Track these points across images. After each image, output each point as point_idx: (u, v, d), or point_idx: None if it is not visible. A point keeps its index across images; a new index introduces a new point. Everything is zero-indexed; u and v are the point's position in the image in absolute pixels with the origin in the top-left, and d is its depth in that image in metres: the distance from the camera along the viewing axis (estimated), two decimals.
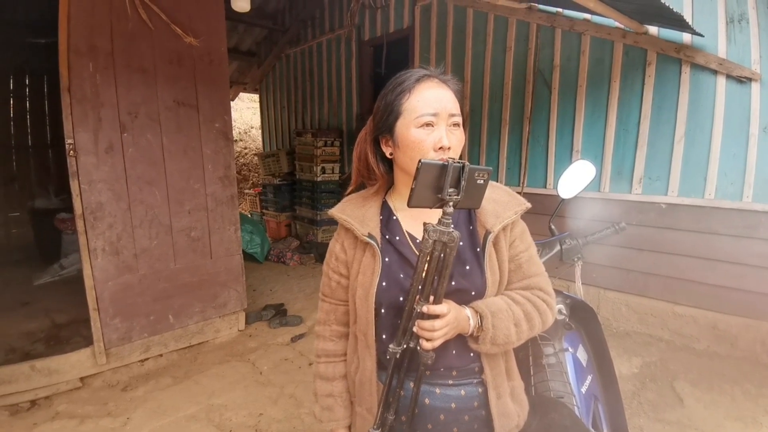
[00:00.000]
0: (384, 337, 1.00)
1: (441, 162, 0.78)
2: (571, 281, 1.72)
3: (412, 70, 0.97)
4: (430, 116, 0.90)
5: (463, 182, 0.77)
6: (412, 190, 0.78)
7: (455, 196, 0.78)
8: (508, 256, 0.99)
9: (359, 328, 1.02)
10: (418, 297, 0.85)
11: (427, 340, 0.85)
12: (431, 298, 0.84)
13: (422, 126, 0.91)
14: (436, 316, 0.84)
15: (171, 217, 2.93)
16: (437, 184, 0.78)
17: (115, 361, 2.78)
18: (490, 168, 0.81)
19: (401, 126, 0.94)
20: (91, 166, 2.56)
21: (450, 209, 0.78)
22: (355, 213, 1.03)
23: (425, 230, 0.79)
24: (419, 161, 0.76)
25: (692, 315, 3.06)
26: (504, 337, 0.91)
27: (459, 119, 0.93)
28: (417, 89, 0.93)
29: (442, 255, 0.80)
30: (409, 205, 0.80)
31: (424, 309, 0.83)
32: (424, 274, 0.83)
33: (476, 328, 0.91)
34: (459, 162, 0.78)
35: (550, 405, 1.19)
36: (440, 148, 0.90)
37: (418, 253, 0.83)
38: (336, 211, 1.05)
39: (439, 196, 0.78)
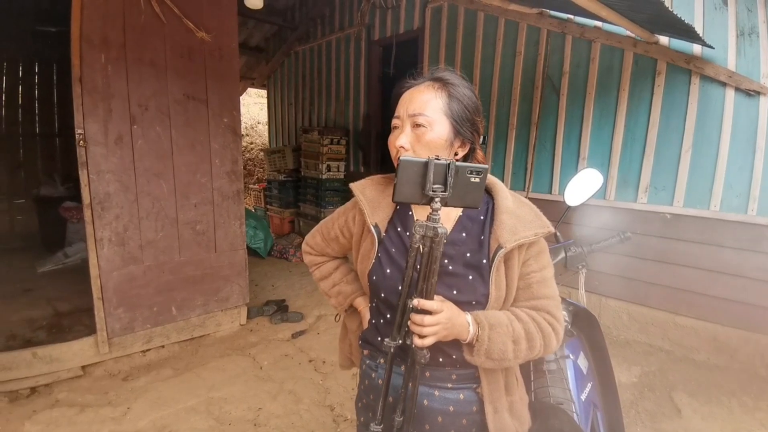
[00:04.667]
0: (388, 316, 1.03)
1: (421, 159, 0.78)
2: (575, 288, 1.73)
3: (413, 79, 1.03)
4: (395, 119, 0.98)
5: (449, 179, 0.77)
6: (394, 185, 0.79)
7: (441, 193, 0.78)
8: (518, 274, 0.97)
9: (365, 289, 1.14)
10: (414, 295, 0.85)
11: (419, 336, 0.84)
12: (424, 293, 0.84)
13: (392, 128, 0.99)
14: (428, 312, 0.84)
15: (177, 210, 2.95)
16: (421, 180, 0.78)
17: (117, 350, 2.80)
18: (486, 166, 0.80)
19: None
20: (100, 157, 2.58)
21: (437, 205, 0.78)
22: (373, 196, 1.06)
23: (414, 226, 0.79)
24: (398, 158, 0.78)
25: (693, 326, 3.06)
26: (500, 353, 0.90)
27: (422, 119, 0.93)
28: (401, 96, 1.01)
29: (428, 250, 0.80)
30: (393, 199, 0.81)
31: (415, 303, 0.83)
32: (415, 270, 0.83)
33: (474, 337, 0.91)
34: (443, 159, 0.77)
35: (549, 411, 1.20)
36: (395, 147, 0.95)
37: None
38: (357, 189, 1.08)
39: (424, 192, 0.78)
